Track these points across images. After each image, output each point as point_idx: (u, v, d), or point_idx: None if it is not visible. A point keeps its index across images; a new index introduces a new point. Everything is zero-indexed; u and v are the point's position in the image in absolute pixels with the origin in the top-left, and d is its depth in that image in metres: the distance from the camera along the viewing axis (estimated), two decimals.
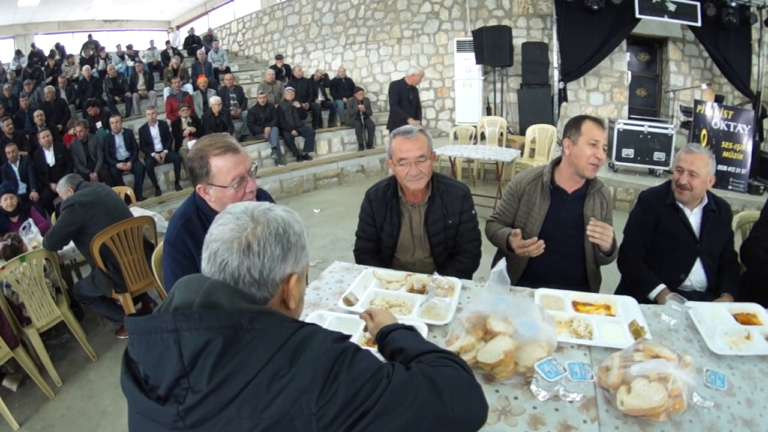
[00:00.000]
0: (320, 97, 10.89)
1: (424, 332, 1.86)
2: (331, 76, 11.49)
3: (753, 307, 2.36)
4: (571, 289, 2.36)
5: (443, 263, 2.81)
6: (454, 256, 2.85)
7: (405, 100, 8.30)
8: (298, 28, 13.23)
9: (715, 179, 2.78)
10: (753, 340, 2.05)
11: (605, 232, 2.46)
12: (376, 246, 2.83)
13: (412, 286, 2.31)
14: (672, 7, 8.82)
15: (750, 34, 9.51)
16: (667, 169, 7.81)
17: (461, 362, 1.24)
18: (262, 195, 2.47)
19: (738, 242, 3.13)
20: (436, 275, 2.31)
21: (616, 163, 7.99)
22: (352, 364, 1.01)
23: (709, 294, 2.80)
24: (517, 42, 9.81)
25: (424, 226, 2.72)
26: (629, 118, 9.48)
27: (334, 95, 10.98)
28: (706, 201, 2.84)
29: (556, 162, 2.79)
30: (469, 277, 2.68)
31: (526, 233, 2.72)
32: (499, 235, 2.77)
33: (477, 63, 10.07)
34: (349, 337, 1.10)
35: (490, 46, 9.60)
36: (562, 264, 2.74)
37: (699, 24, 8.94)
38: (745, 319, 2.26)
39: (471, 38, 10.05)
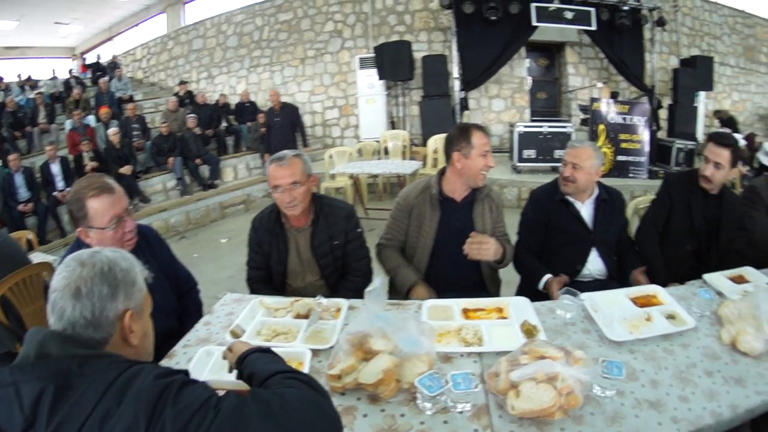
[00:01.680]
0: (224, 123, 10.71)
1: (307, 358, 1.82)
2: (236, 100, 11.32)
3: (652, 289, 2.42)
4: (471, 294, 2.37)
5: (335, 284, 2.75)
6: (345, 276, 2.79)
7: (272, 126, 8.49)
8: (203, 52, 13.03)
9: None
10: (653, 321, 2.10)
11: (482, 246, 2.48)
12: (267, 274, 2.75)
13: (298, 312, 2.23)
14: (569, 15, 9.18)
15: (642, 34, 10.13)
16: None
17: (308, 380, 1.22)
18: (147, 232, 2.42)
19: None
20: (320, 299, 2.24)
21: (519, 164, 8.24)
22: (177, 397, 1.00)
23: (611, 280, 2.84)
24: (419, 55, 10.08)
25: (310, 249, 2.66)
26: (531, 121, 9.99)
27: (238, 120, 10.80)
28: (596, 192, 2.89)
29: (442, 172, 2.76)
30: (361, 296, 2.53)
31: (420, 247, 2.72)
32: (403, 276, 2.70)
33: (379, 78, 10.17)
34: (177, 372, 1.09)
35: (391, 61, 9.76)
36: (458, 272, 2.72)
37: (594, 28, 9.37)
38: (645, 302, 2.30)
39: (373, 55, 10.15)
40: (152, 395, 0.98)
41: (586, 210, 2.87)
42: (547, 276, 2.71)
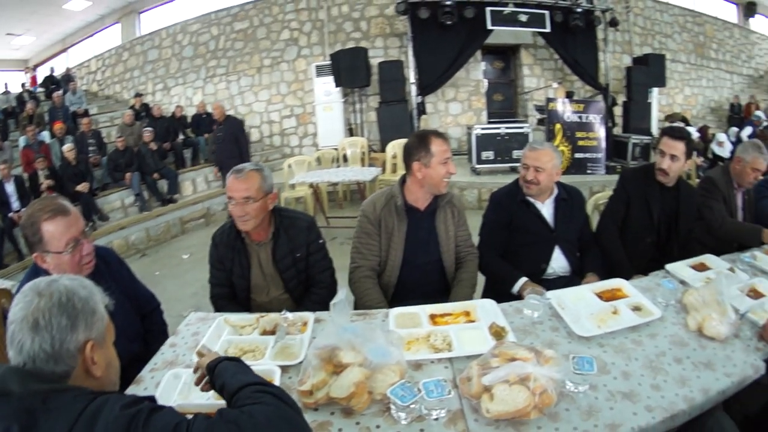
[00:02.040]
0: (181, 136, 10.40)
1: (277, 375, 1.78)
2: (193, 111, 10.97)
3: (616, 283, 2.45)
4: (438, 300, 2.36)
5: (300, 297, 2.69)
6: (309, 288, 2.71)
7: (216, 139, 8.33)
8: (158, 63, 12.68)
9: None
10: (620, 314, 2.13)
11: None
12: (230, 290, 2.65)
13: (264, 329, 2.18)
14: (523, 18, 9.30)
15: (596, 34, 10.34)
16: None
17: (278, 393, 1.20)
18: (105, 254, 2.33)
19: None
20: (285, 313, 2.18)
21: (478, 166, 8.32)
22: (146, 426, 0.99)
23: (575, 276, 2.89)
24: (375, 62, 10.19)
25: (273, 263, 2.59)
26: (488, 122, 10.08)
27: (195, 132, 10.47)
28: (556, 191, 2.91)
29: (403, 181, 2.70)
30: (327, 308, 2.50)
31: (390, 260, 2.66)
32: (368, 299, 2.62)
33: (336, 86, 10.11)
34: (143, 399, 1.08)
35: (348, 68, 9.70)
36: (426, 279, 2.69)
37: (548, 30, 9.54)
38: (610, 296, 2.33)
39: (329, 62, 10.11)
40: (120, 426, 0.97)
41: (546, 209, 2.91)
42: (523, 279, 2.71)
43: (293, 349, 1.99)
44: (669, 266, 2.70)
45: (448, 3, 8.91)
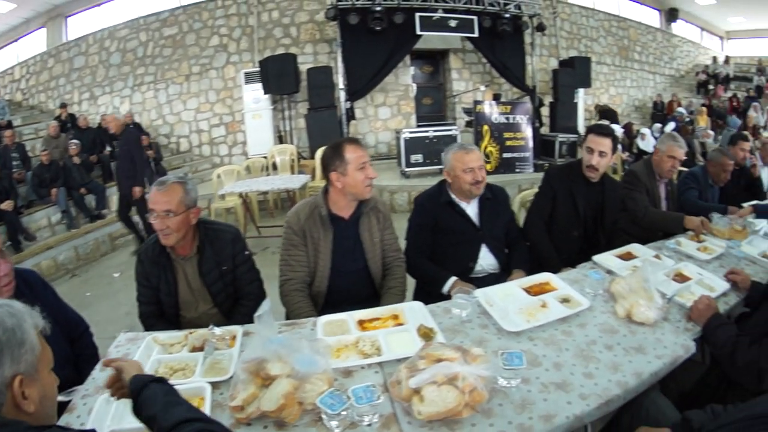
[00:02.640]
0: (108, 148, 9.57)
1: (207, 393, 1.72)
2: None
3: (544, 277, 2.51)
4: (368, 306, 2.32)
5: (229, 311, 2.63)
6: (238, 301, 2.65)
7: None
8: (85, 70, 12.03)
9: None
10: (549, 307, 2.18)
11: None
12: (159, 308, 2.58)
13: (193, 345, 2.12)
14: (452, 23, 9.42)
15: (523, 39, 10.61)
16: None
17: (217, 428, 1.16)
18: (28, 276, 2.24)
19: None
20: (213, 328, 2.12)
21: (407, 169, 8.41)
22: None
23: (504, 273, 2.94)
24: (305, 68, 10.02)
25: (199, 277, 2.52)
26: (418, 126, 10.16)
27: None
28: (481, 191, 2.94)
29: (326, 190, 2.67)
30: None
31: (319, 270, 2.63)
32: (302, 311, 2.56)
33: (264, 93, 10.06)
34: None
35: (276, 75, 9.62)
36: (355, 287, 2.68)
37: (476, 35, 9.71)
38: (538, 290, 2.39)
39: (258, 69, 10.03)
40: None
41: (471, 209, 2.95)
42: (453, 279, 2.73)
43: (223, 365, 1.97)
44: (596, 257, 2.78)
45: (378, 9, 8.97)
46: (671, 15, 17.38)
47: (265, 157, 8.97)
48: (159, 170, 9.23)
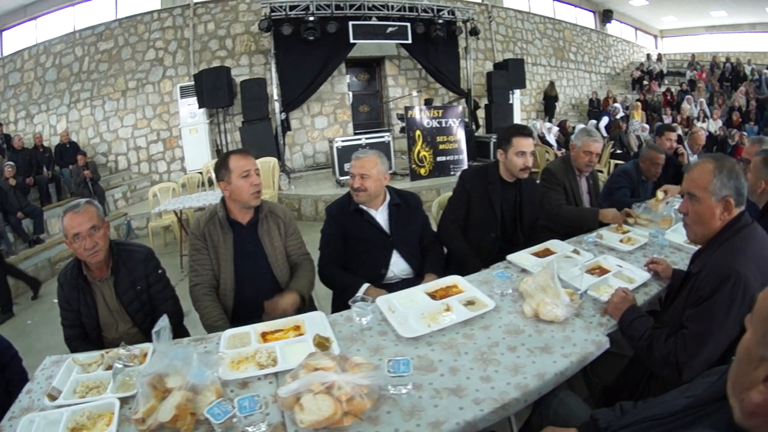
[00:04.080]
0: (45, 169, 9.29)
1: (116, 408, 1.75)
2: (56, 141, 10.17)
3: (451, 280, 2.50)
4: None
5: (149, 330, 2.49)
6: (156, 319, 2.57)
7: None
8: (20, 87, 11.21)
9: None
10: (452, 311, 2.17)
11: (276, 312, 2.49)
12: (82, 330, 2.59)
13: (109, 364, 2.15)
14: (385, 31, 9.55)
15: (457, 43, 10.81)
16: (391, 172, 8.51)
17: None
18: None
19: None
20: (124, 346, 2.14)
21: (341, 178, 8.49)
22: None
23: (417, 277, 2.94)
24: (240, 80, 9.94)
25: (116, 298, 2.55)
26: (355, 134, 10.24)
27: (59, 163, 9.59)
28: (389, 197, 3.01)
29: (224, 198, 2.73)
30: (175, 337, 2.32)
31: (223, 276, 2.68)
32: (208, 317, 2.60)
33: (199, 107, 9.91)
34: None
35: (211, 88, 9.51)
36: (263, 296, 2.66)
37: (410, 41, 9.81)
38: (444, 293, 2.37)
39: (193, 82, 9.92)
40: None
41: (381, 216, 2.98)
42: (366, 285, 2.75)
43: (133, 381, 1.96)
44: (510, 256, 2.80)
45: (311, 19, 9.02)
46: (606, 16, 18.01)
47: (201, 173, 8.86)
48: (97, 191, 8.92)
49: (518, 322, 2.09)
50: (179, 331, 2.66)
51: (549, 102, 14.62)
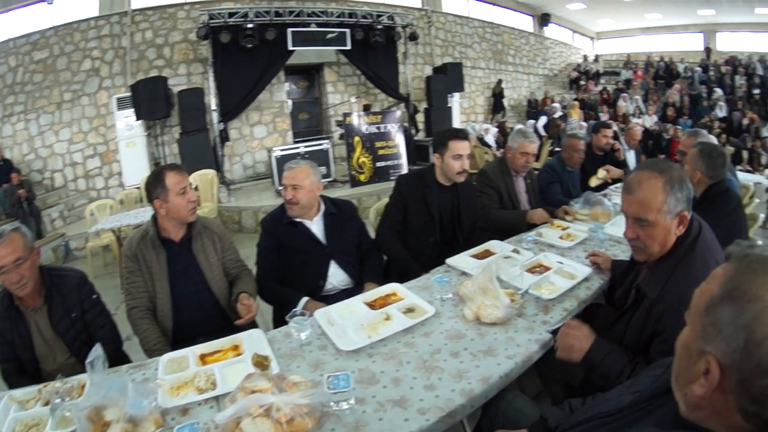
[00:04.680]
0: None
1: None
2: None
3: (390, 288, 2.47)
4: (223, 334, 2.23)
5: (85, 360, 2.43)
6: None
7: None
8: None
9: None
10: (392, 320, 2.13)
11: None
12: (18, 364, 2.45)
13: (47, 400, 2.02)
14: (325, 37, 9.56)
15: (396, 48, 10.85)
16: (331, 179, 8.65)
17: None
18: None
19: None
20: (61, 378, 2.01)
21: (280, 188, 7.99)
22: None
23: (357, 287, 2.89)
24: (178, 90, 9.51)
25: (51, 328, 2.41)
26: (294, 142, 10.10)
27: None
28: (323, 207, 2.96)
29: (155, 216, 2.65)
30: (113, 365, 2.25)
31: (159, 297, 2.58)
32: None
33: (137, 119, 9.40)
34: None
35: (148, 99, 9.00)
36: (202, 314, 2.62)
37: (349, 48, 9.83)
38: (383, 302, 2.34)
39: (130, 93, 9.38)
40: None
41: (316, 226, 2.93)
42: (305, 299, 2.68)
43: (72, 415, 1.81)
44: (449, 260, 2.79)
45: (250, 26, 8.92)
46: (544, 19, 18.60)
47: (138, 188, 8.44)
48: (32, 210, 8.45)
49: (460, 326, 2.08)
50: (119, 357, 2.51)
51: (497, 99, 15.06)
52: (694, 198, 2.62)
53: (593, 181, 4.41)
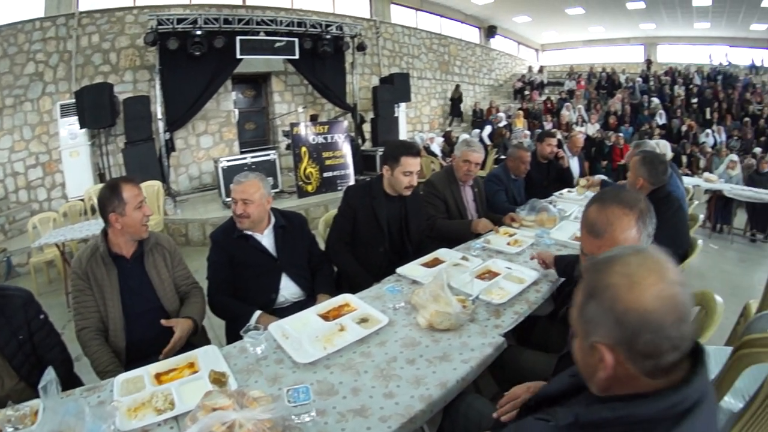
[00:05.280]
0: None
1: None
2: None
3: (342, 299, 2.49)
4: (177, 353, 2.22)
5: (38, 384, 2.23)
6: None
7: None
8: None
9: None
10: (347, 330, 2.16)
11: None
12: None
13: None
14: (273, 46, 9.48)
15: (344, 58, 10.90)
16: (278, 190, 8.61)
17: None
18: None
19: None
20: (12, 405, 1.88)
21: (227, 199, 8.18)
22: None
23: (310, 299, 2.89)
24: (123, 98, 9.23)
25: None
26: (241, 153, 10.01)
27: None
28: (273, 220, 2.94)
29: (105, 231, 2.55)
30: (67, 388, 2.15)
31: (111, 317, 2.47)
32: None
33: (81, 127, 8.94)
34: None
35: (92, 106, 8.65)
36: (155, 332, 2.47)
37: (297, 57, 9.79)
38: (337, 313, 2.36)
39: (74, 100, 8.93)
40: None
41: (267, 239, 2.91)
42: (258, 313, 2.67)
43: None
44: (399, 269, 2.83)
45: (199, 33, 8.76)
46: (490, 31, 19.27)
47: (82, 200, 7.90)
48: None
49: (414, 334, 2.11)
50: (70, 380, 2.37)
51: (455, 104, 15.65)
52: None
53: (580, 191, 4.66)
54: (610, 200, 1.67)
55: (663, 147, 4.34)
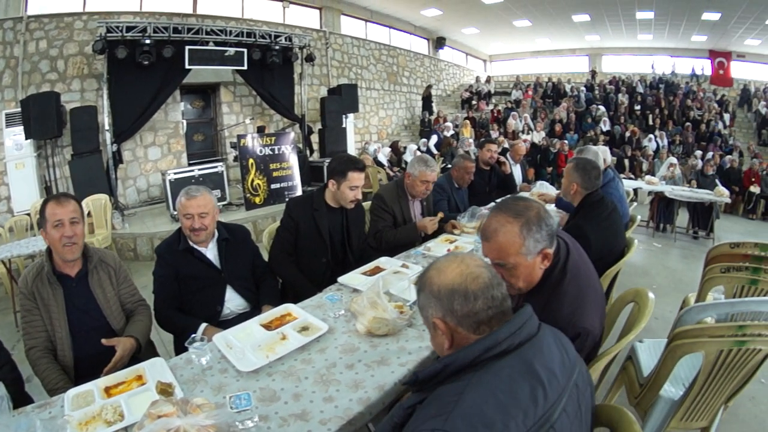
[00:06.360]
0: None
1: None
2: None
3: (284, 308, 2.55)
4: (124, 367, 2.22)
5: None
6: None
7: None
8: None
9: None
10: (288, 338, 2.23)
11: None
12: None
13: None
14: (222, 56, 9.46)
15: (293, 69, 10.94)
16: (226, 202, 8.63)
17: None
18: None
19: None
20: None
21: (174, 212, 8.05)
22: None
23: (255, 310, 2.90)
24: (70, 107, 8.83)
25: None
26: (189, 164, 9.90)
27: None
28: (217, 233, 2.96)
29: (50, 249, 2.52)
30: (18, 406, 2.10)
31: (58, 337, 2.46)
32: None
33: (26, 138, 8.51)
34: None
35: (38, 116, 8.24)
36: (104, 349, 2.42)
37: (246, 68, 9.79)
38: (279, 322, 2.42)
39: (20, 109, 8.44)
40: None
41: (211, 252, 2.92)
42: (204, 325, 2.69)
43: None
44: (341, 278, 2.91)
45: (147, 42, 8.61)
46: (439, 43, 19.55)
47: (28, 215, 7.38)
48: None
49: (353, 340, 2.19)
50: (21, 398, 2.32)
51: (426, 102, 16.07)
52: (573, 207, 3.01)
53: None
54: (501, 209, 1.82)
55: (603, 152, 4.61)
